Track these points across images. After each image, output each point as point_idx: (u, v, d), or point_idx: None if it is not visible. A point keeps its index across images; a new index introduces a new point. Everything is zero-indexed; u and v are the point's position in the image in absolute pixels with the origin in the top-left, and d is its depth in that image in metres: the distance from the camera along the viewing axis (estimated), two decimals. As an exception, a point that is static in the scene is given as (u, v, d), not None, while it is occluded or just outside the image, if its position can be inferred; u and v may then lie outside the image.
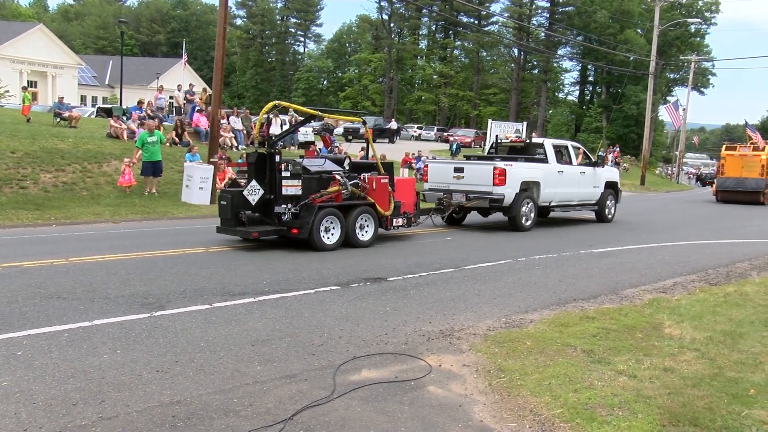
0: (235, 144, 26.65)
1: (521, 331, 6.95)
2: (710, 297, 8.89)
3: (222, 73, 20.36)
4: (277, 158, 12.13)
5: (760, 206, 29.66)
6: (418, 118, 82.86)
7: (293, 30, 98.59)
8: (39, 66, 60.69)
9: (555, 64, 79.87)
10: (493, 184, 15.79)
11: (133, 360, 5.58)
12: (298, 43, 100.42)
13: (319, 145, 28.47)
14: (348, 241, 12.41)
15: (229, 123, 27.32)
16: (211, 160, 19.76)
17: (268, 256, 11.21)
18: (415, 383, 5.34)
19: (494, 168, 15.87)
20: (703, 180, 71.27)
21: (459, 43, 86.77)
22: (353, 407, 4.80)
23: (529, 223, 16.62)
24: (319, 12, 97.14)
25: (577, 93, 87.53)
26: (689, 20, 61.68)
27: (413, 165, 30.36)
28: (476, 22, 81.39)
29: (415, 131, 60.88)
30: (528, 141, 19.28)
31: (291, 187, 12.10)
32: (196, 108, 27.61)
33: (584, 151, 19.78)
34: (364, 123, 15.57)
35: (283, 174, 12.10)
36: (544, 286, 9.58)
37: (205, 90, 31.93)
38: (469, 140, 53.79)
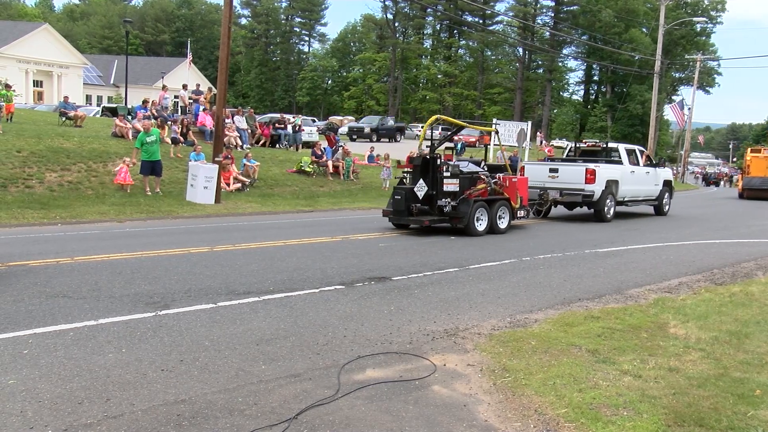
0: (240, 143, 26.66)
1: (526, 330, 6.94)
2: (716, 297, 8.87)
3: (227, 72, 20.38)
4: (439, 161, 15.16)
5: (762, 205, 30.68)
6: (422, 117, 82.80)
7: (298, 29, 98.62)
8: (45, 65, 60.83)
9: (560, 64, 79.79)
10: (585, 183, 18.63)
11: (138, 359, 5.59)
12: (302, 43, 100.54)
13: (324, 144, 28.47)
14: (491, 228, 15.27)
15: (233, 122, 27.34)
16: (216, 159, 19.79)
17: (273, 255, 11.22)
18: (419, 383, 5.34)
19: (586, 169, 18.78)
20: (708, 179, 71.05)
21: (463, 42, 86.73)
22: (358, 406, 4.80)
23: (610, 215, 19.47)
24: (323, 11, 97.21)
25: (581, 92, 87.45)
26: (695, 19, 61.58)
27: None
28: (481, 21, 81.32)
29: (420, 131, 60.86)
30: (604, 145, 22.02)
31: (451, 185, 14.95)
32: (201, 108, 27.64)
33: (647, 154, 22.71)
34: (497, 132, 19.14)
35: (444, 174, 14.92)
36: (548, 285, 9.56)
37: (210, 89, 31.97)
38: (473, 139, 53.70)
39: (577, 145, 23.15)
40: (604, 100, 77.32)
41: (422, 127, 61.36)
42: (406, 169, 16.14)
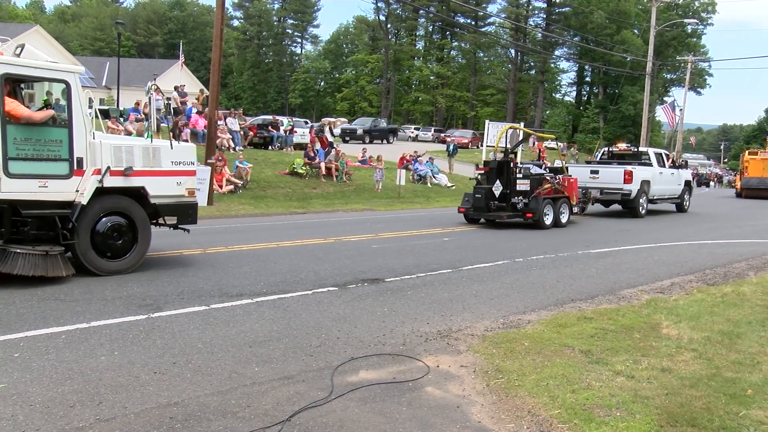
0: (233, 145, 26.61)
1: (519, 331, 6.95)
2: (708, 297, 8.90)
3: (219, 74, 20.34)
4: (512, 164, 17.80)
5: (763, 204, 32.05)
6: (415, 118, 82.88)
7: (290, 31, 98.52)
8: (35, 67, 60.48)
9: (552, 65, 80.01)
10: (623, 183, 21.17)
11: (131, 361, 5.57)
12: (295, 45, 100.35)
13: (317, 145, 28.43)
14: (555, 222, 17.64)
15: (226, 124, 27.28)
16: (209, 161, 19.74)
17: (266, 257, 11.20)
18: (412, 384, 5.34)
19: (624, 170, 21.30)
20: (699, 180, 71.34)
21: (456, 44, 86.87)
22: (351, 408, 4.79)
23: (643, 211, 22.07)
24: (316, 13, 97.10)
25: (574, 94, 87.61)
26: (686, 21, 61.85)
27: (410, 166, 30.34)
28: (473, 22, 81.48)
29: (413, 132, 60.86)
30: (635, 149, 24.70)
31: (523, 185, 17.44)
32: (194, 110, 27.57)
33: (672, 157, 25.37)
34: (556, 139, 20.99)
35: (518, 175, 17.57)
36: (541, 286, 9.58)
37: (202, 91, 31.88)
38: (466, 141, 53.79)
39: (610, 149, 25.59)
40: (596, 102, 77.51)
41: (414, 128, 60.92)
42: (480, 172, 18.40)
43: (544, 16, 78.31)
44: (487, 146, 41.43)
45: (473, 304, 8.31)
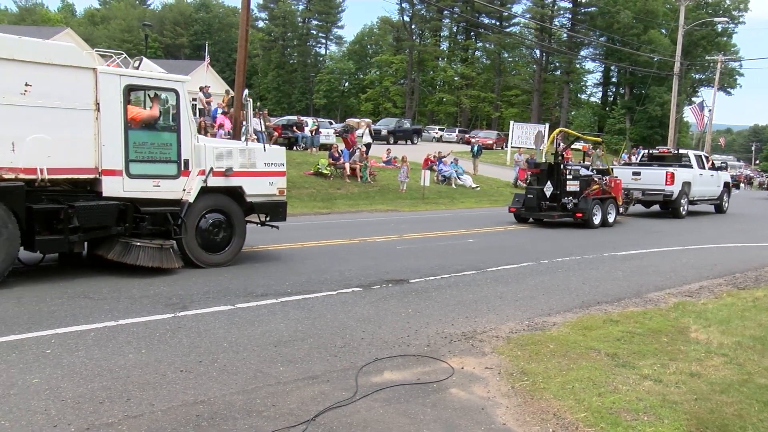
0: (258, 145, 26.72)
1: (544, 334, 6.91)
2: (738, 301, 8.78)
3: (244, 74, 20.48)
4: (562, 166, 18.51)
5: None
6: (439, 119, 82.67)
7: (315, 32, 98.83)
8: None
9: (577, 65, 79.29)
10: (665, 184, 21.66)
11: (158, 360, 5.63)
12: (319, 45, 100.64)
13: (341, 146, 28.50)
14: (603, 222, 18.25)
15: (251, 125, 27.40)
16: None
17: (291, 257, 11.25)
18: (437, 385, 5.34)
19: (666, 172, 21.76)
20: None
21: (480, 44, 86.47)
22: (375, 409, 4.80)
23: (684, 212, 22.56)
24: (340, 14, 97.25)
25: (600, 94, 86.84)
26: (716, 19, 60.95)
27: (434, 167, 30.28)
28: (498, 23, 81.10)
29: (437, 133, 60.78)
30: (675, 151, 25.33)
31: (573, 186, 18.22)
32: (219, 110, 27.76)
33: (712, 160, 25.92)
34: (602, 142, 22.50)
35: (568, 177, 18.28)
36: (566, 288, 9.52)
37: (227, 92, 32.11)
38: (490, 142, 53.57)
39: (650, 151, 26.25)
40: (622, 102, 76.70)
41: (439, 129, 60.85)
42: (531, 173, 19.26)
43: (570, 16, 77.70)
44: (511, 147, 41.22)
45: (498, 305, 8.28)
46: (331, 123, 42.38)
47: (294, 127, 33.05)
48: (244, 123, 10.85)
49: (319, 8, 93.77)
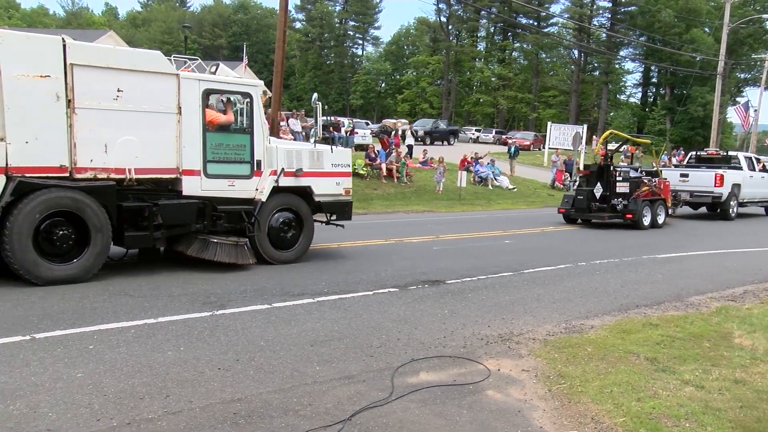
0: (295, 146, 26.95)
1: (582, 336, 6.84)
2: (783, 307, 8.56)
3: (282, 75, 20.67)
4: (612, 167, 18.72)
5: None
6: (476, 120, 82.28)
7: (351, 33, 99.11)
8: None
9: (616, 66, 78.21)
10: (714, 186, 21.69)
11: (196, 357, 5.70)
12: (356, 46, 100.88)
13: (378, 147, 28.56)
14: (652, 223, 18.43)
15: (288, 125, 27.66)
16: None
17: (327, 257, 11.30)
18: (473, 387, 5.31)
19: (715, 174, 21.78)
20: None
21: (518, 45, 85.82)
22: (411, 410, 4.79)
23: (733, 214, 22.56)
24: (377, 15, 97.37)
25: (639, 95, 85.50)
26: (764, 16, 59.53)
27: (471, 168, 30.15)
28: (535, 23, 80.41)
29: (473, 134, 60.50)
30: (724, 153, 25.21)
31: (622, 187, 18.41)
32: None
33: (764, 162, 25.74)
34: (651, 144, 23.66)
35: (617, 178, 18.52)
36: (604, 291, 9.39)
37: (264, 92, 32.34)
38: (527, 143, 53.19)
39: (697, 153, 26.23)
40: (662, 103, 75.41)
41: (476, 130, 60.53)
42: (581, 174, 19.58)
43: (609, 15, 76.64)
44: (549, 148, 40.86)
45: (535, 307, 8.21)
46: (367, 124, 42.52)
47: (330, 128, 33.21)
48: (314, 126, 11.20)
49: (356, 9, 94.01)
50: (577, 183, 19.57)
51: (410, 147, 32.91)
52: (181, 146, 9.37)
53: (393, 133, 30.89)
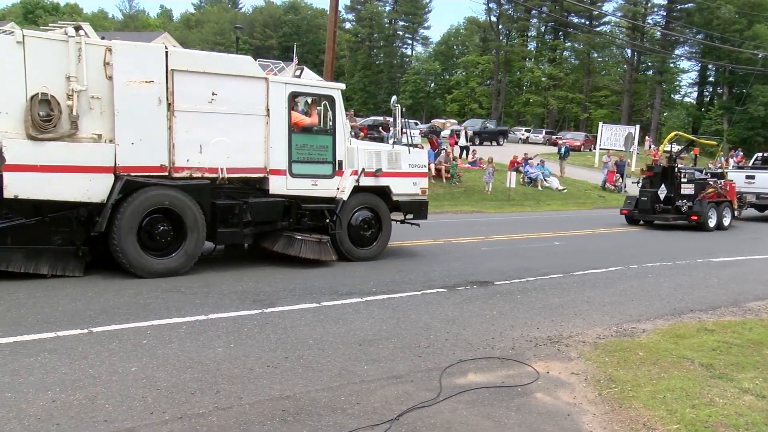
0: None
1: (633, 340, 6.71)
2: None
3: (332, 75, 20.79)
4: (677, 169, 18.72)
5: None
6: (525, 120, 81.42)
7: (401, 33, 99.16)
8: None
9: (671, 65, 76.37)
10: None
11: (246, 354, 5.77)
12: (405, 46, 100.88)
13: (427, 147, 28.48)
14: (718, 225, 18.43)
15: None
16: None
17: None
18: (522, 389, 5.26)
19: None
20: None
21: (569, 44, 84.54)
22: (459, 410, 4.77)
23: None
24: (427, 15, 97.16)
25: (695, 94, 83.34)
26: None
27: (520, 168, 29.86)
28: (587, 22, 79.13)
29: (523, 134, 59.88)
30: None
31: (688, 189, 18.35)
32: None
33: None
34: (718, 145, 23.47)
35: (682, 180, 18.41)
36: (657, 295, 9.19)
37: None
38: (578, 143, 52.34)
39: (764, 155, 26.26)
40: (719, 102, 73.34)
41: (525, 130, 60.01)
42: (644, 176, 19.52)
43: (664, 13, 74.78)
44: (600, 149, 40.17)
45: (585, 310, 8.09)
46: (416, 124, 42.44)
47: (380, 128, 33.26)
48: (392, 128, 11.48)
49: (406, 9, 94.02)
50: (640, 184, 19.50)
51: (465, 149, 32.86)
52: (268, 147, 9.82)
53: (448, 133, 30.82)
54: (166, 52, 8.91)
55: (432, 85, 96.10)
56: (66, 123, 8.27)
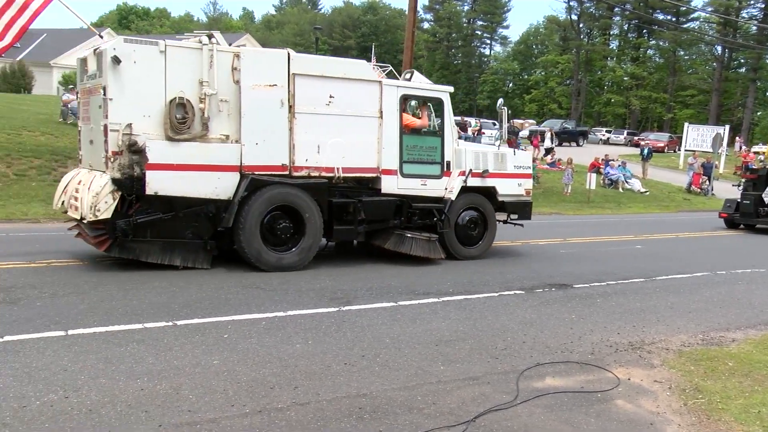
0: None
1: (721, 350, 6.45)
2: None
3: (410, 76, 20.75)
4: None
5: None
6: (606, 121, 79.41)
7: (479, 32, 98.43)
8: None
9: (767, 61, 72.81)
10: None
11: (323, 351, 5.85)
12: (484, 46, 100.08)
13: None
14: None
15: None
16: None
17: (452, 257, 11.24)
18: (601, 395, 5.14)
19: None
20: None
21: (653, 42, 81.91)
22: (536, 415, 4.70)
23: None
24: (505, 14, 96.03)
25: (792, 92, 79.14)
26: None
27: (601, 170, 29.15)
28: (674, 19, 76.46)
29: (604, 135, 58.43)
30: None
31: None
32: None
33: None
34: None
35: None
36: (748, 303, 8.81)
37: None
38: (661, 144, 50.68)
39: None
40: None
41: (606, 131, 58.42)
42: (746, 178, 19.55)
43: (762, 5, 71.17)
44: (685, 150, 38.85)
45: (668, 316, 7.83)
46: (494, 124, 42.00)
47: (458, 128, 33.17)
48: (498, 130, 11.68)
49: (485, 8, 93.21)
50: (741, 187, 19.32)
51: (549, 150, 32.45)
52: (381, 148, 10.18)
53: (527, 134, 30.46)
54: (289, 57, 9.38)
55: (510, 85, 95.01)
56: (198, 125, 8.85)
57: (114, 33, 52.39)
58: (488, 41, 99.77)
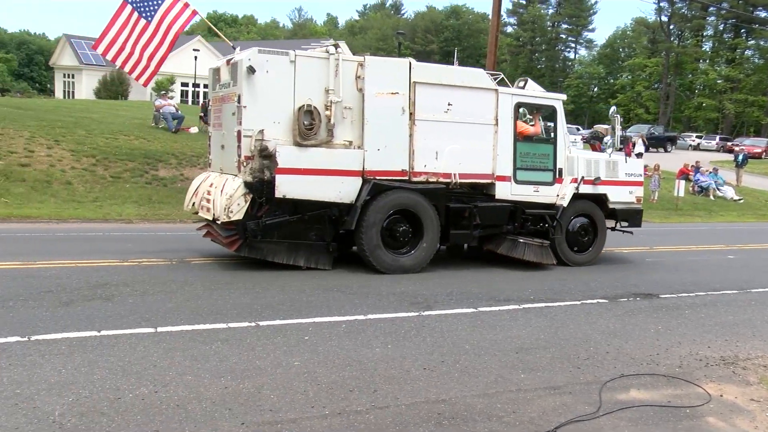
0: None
1: (824, 368, 6.09)
2: None
3: (492, 81, 20.60)
4: None
5: None
6: (697, 126, 76.43)
7: (564, 36, 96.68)
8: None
9: None
10: None
11: (402, 355, 5.86)
12: (568, 50, 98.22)
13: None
14: None
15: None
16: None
17: (532, 263, 11.08)
18: (690, 411, 4.94)
19: None
20: None
21: (752, 42, 78.20)
22: (620, 427, 4.57)
23: None
24: (591, 17, 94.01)
25: None
26: None
27: (691, 176, 28.09)
28: (776, 17, 72.61)
29: (694, 140, 56.27)
30: None
31: None
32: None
33: None
34: None
35: None
36: None
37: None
38: (758, 150, 48.41)
39: None
40: None
41: (696, 136, 56.31)
42: None
43: None
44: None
45: (765, 331, 7.46)
46: (578, 129, 41.24)
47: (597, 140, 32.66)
48: (611, 137, 12.03)
49: (570, 11, 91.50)
50: None
51: (639, 155, 31.58)
52: (496, 154, 10.40)
53: (599, 138, 29.68)
54: (410, 66, 9.72)
55: (595, 89, 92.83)
56: (323, 131, 9.26)
57: (205, 40, 54.25)
58: (573, 45, 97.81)
